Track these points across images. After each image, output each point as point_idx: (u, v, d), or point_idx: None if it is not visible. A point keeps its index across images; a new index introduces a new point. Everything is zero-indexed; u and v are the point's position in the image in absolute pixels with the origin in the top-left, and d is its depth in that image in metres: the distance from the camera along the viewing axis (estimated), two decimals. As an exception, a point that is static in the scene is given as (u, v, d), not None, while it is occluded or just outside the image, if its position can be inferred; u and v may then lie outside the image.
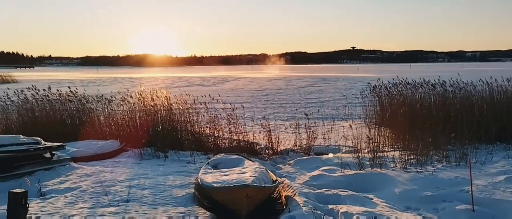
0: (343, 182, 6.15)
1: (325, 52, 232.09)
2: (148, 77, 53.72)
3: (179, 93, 11.05)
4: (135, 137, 9.97)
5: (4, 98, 12.15)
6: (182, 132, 10.10)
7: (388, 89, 11.82)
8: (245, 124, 9.88)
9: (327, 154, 8.44)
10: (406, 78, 12.04)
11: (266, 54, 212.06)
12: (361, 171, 6.66)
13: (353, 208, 4.77)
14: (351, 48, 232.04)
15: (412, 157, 7.14)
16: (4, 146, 6.45)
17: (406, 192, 5.52)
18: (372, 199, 5.25)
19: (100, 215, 4.71)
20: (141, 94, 11.06)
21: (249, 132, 9.65)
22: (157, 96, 10.89)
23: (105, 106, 11.24)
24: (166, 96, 10.72)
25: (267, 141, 9.31)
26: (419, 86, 10.99)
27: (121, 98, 10.99)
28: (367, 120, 11.97)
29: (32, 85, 11.90)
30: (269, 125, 9.62)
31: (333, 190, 5.59)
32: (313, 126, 9.67)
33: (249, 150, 8.79)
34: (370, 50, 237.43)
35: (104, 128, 11.02)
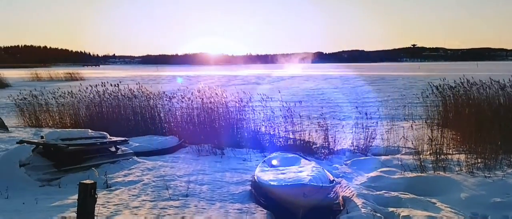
0: (403, 185, 5.92)
1: (383, 50, 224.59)
2: (205, 75, 54.96)
3: (235, 91, 11.20)
4: (193, 133, 10.26)
5: (73, 95, 12.97)
6: (238, 129, 10.24)
7: (452, 89, 11.22)
8: (301, 123, 9.83)
9: (386, 155, 8.18)
10: (472, 77, 11.36)
11: (322, 52, 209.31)
12: (422, 174, 6.39)
13: (415, 212, 4.59)
14: (412, 46, 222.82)
15: (479, 161, 6.72)
16: (74, 140, 6.89)
17: (472, 197, 5.21)
18: (435, 203, 5.02)
19: (161, 208, 4.88)
20: (198, 92, 11.34)
21: (305, 130, 9.59)
22: (214, 94, 11.11)
23: (165, 103, 11.64)
24: (222, 94, 10.91)
25: (323, 140, 9.19)
26: (487, 86, 10.33)
27: (179, 95, 11.34)
28: (428, 120, 11.45)
29: (102, 82, 12.57)
30: (325, 124, 9.49)
31: (393, 193, 5.41)
32: (370, 126, 9.40)
33: (305, 149, 8.73)
34: (432, 47, 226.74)
35: (164, 124, 11.45)
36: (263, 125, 9.93)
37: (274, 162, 6.40)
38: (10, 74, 42.82)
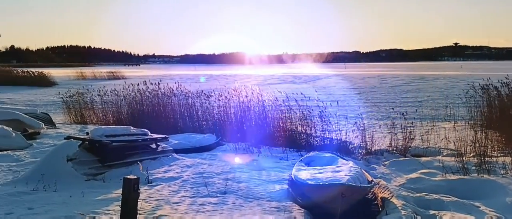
0: (445, 187, 5.77)
1: (423, 49, 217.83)
2: (242, 74, 55.31)
3: (271, 90, 11.24)
4: (230, 132, 10.41)
5: (116, 93, 13.45)
6: (274, 128, 10.28)
7: (498, 89, 10.78)
8: (337, 122, 9.75)
9: (426, 157, 7.98)
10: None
11: (359, 52, 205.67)
12: (465, 177, 6.19)
13: (458, 215, 4.46)
14: (454, 45, 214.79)
15: (526, 164, 6.45)
16: (117, 136, 7.15)
17: (519, 202, 5.01)
18: (479, 207, 4.86)
19: (200, 204, 5.00)
20: (235, 91, 11.47)
21: (342, 130, 9.50)
22: (250, 93, 11.20)
23: (203, 101, 11.85)
24: (258, 93, 10.99)
25: (360, 140, 9.08)
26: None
27: (217, 94, 11.52)
28: (471, 121, 11.07)
29: (144, 81, 12.95)
30: (362, 124, 9.37)
31: (434, 195, 5.28)
32: (409, 127, 9.18)
33: (342, 149, 8.65)
34: (476, 46, 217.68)
35: (202, 122, 11.67)
36: (299, 124, 9.92)
37: (311, 161, 6.40)
38: (57, 73, 44.78)
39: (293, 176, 5.42)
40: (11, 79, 34.86)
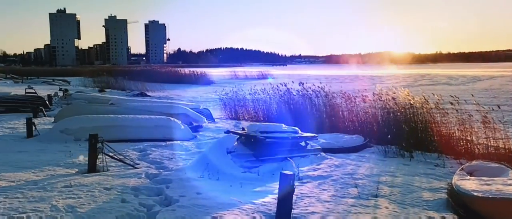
0: None
1: None
2: (389, 75, 52.94)
3: (422, 92, 10.50)
4: (378, 134, 10.07)
5: (265, 92, 14.23)
6: (427, 132, 9.61)
7: None
8: (504, 129, 8.64)
9: None
10: None
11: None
12: None
13: None
14: None
15: None
16: (270, 133, 7.56)
17: None
18: None
19: (351, 205, 4.98)
20: (382, 92, 11.04)
21: (510, 138, 8.39)
22: (398, 95, 10.65)
23: (349, 102, 11.71)
24: (408, 95, 10.38)
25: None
26: None
27: (362, 95, 11.26)
28: None
29: (292, 81, 13.45)
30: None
31: None
32: None
33: (511, 159, 7.64)
34: None
35: (348, 123, 11.55)
36: (457, 129, 9.08)
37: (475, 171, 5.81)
38: (214, 72, 49.38)
39: (454, 186, 5.00)
40: (178, 78, 40.14)
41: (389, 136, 8.96)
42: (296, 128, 8.07)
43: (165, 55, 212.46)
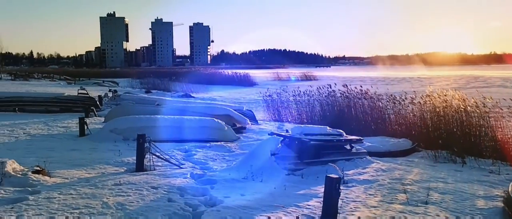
0: None
1: None
2: (439, 76, 51.02)
3: (476, 95, 9.97)
4: (427, 138, 9.70)
5: (308, 93, 14.09)
6: (481, 137, 9.14)
7: None
8: None
9: None
10: None
11: None
12: None
13: None
14: None
15: None
16: (315, 135, 7.47)
17: None
18: None
19: (400, 212, 4.82)
20: (431, 94, 10.59)
21: None
22: (450, 97, 10.17)
23: (396, 104, 11.34)
24: (460, 97, 9.89)
25: None
26: None
27: (410, 97, 10.87)
28: None
29: (334, 83, 13.24)
30: None
31: None
32: None
33: None
34: None
35: (394, 126, 11.20)
36: (513, 134, 8.58)
37: None
38: (257, 73, 49.59)
39: (511, 194, 4.72)
40: (222, 79, 40.68)
41: (440, 141, 8.59)
42: (341, 131, 7.93)
43: (208, 56, 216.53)
